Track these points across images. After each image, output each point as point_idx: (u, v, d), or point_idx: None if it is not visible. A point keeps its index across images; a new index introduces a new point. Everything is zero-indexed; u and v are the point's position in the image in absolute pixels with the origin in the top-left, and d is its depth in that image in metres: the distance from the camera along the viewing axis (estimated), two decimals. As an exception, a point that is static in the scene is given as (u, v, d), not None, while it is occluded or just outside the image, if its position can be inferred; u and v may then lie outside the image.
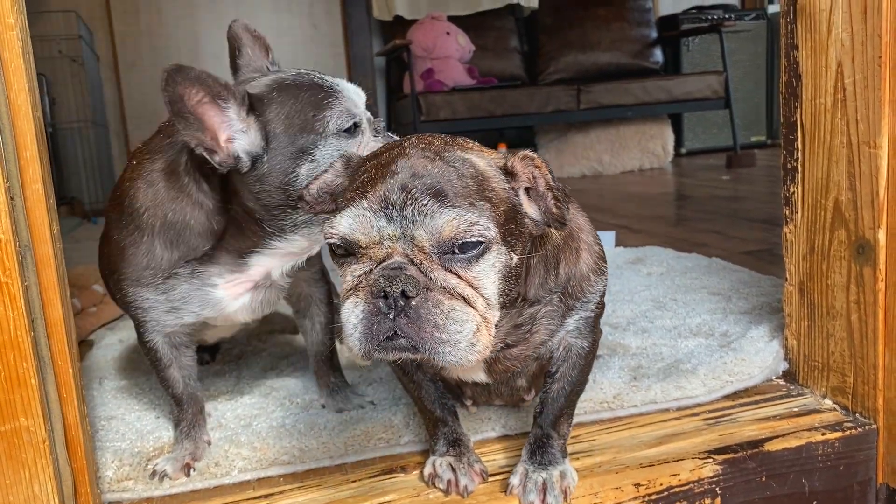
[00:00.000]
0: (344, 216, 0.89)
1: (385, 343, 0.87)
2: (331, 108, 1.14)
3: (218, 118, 1.09)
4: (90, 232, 4.60)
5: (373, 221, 0.87)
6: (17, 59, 0.97)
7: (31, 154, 0.99)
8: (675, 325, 1.78)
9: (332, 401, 1.49)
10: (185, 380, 1.34)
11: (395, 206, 0.86)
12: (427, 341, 0.86)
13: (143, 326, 1.29)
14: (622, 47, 6.54)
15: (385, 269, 0.86)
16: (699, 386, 1.42)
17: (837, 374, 1.33)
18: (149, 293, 1.24)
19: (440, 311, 0.86)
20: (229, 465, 1.25)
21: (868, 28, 1.18)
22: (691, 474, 1.16)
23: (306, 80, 1.17)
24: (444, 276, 0.87)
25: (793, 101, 1.35)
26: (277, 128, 1.12)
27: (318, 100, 1.14)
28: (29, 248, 1.00)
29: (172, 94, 1.04)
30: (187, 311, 1.26)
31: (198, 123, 1.07)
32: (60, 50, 5.22)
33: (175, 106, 1.05)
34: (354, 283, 0.89)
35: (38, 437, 0.99)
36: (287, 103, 1.13)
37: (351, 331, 0.88)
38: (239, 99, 1.10)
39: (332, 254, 0.94)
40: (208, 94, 1.06)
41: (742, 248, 2.70)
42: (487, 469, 1.18)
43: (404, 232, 0.86)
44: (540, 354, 1.11)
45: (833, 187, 1.28)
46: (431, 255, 0.87)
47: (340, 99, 1.16)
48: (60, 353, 1.04)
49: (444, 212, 0.86)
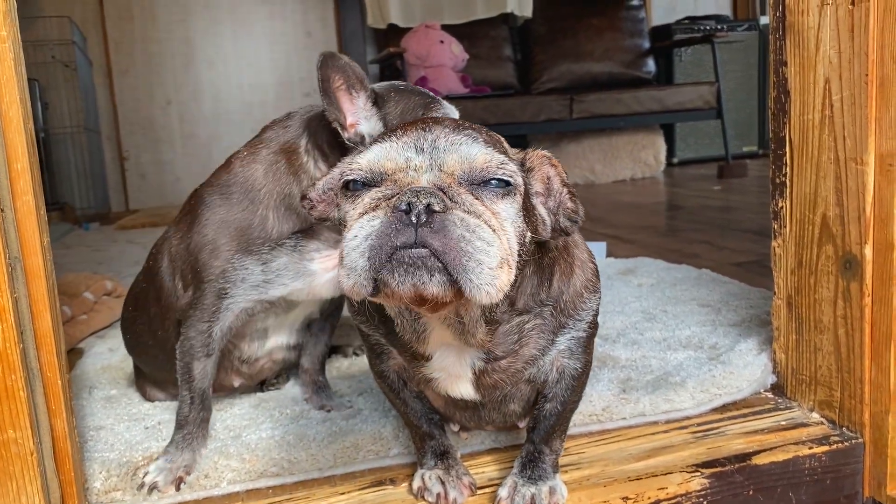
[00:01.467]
0: (371, 150, 0.87)
1: (400, 253, 0.78)
2: (435, 112, 1.32)
3: (348, 104, 1.29)
4: (82, 238, 4.59)
5: (401, 151, 0.86)
6: (8, 71, 0.97)
7: (22, 166, 0.99)
8: (664, 337, 1.79)
9: (316, 397, 1.56)
10: (211, 379, 1.38)
11: (426, 140, 0.86)
12: (452, 252, 0.78)
13: (221, 302, 1.34)
14: (615, 57, 6.58)
15: (412, 188, 0.81)
16: (688, 399, 1.43)
17: (825, 387, 1.34)
18: (250, 262, 1.34)
19: (466, 226, 0.79)
20: (218, 476, 1.25)
21: (855, 46, 1.19)
22: (679, 488, 1.17)
23: (415, 89, 1.38)
24: (472, 201, 0.84)
25: (781, 117, 1.36)
26: (394, 120, 1.30)
27: (426, 103, 1.34)
28: (19, 259, 1.00)
29: (325, 74, 1.26)
30: (279, 283, 1.36)
31: (336, 104, 1.28)
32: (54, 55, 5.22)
33: (324, 84, 1.26)
34: (371, 204, 0.83)
35: (26, 450, 0.99)
36: (402, 102, 1.33)
37: (360, 243, 0.79)
38: (368, 92, 1.30)
39: (346, 194, 0.88)
40: (346, 82, 1.27)
41: (732, 260, 2.71)
42: (476, 482, 1.18)
43: (433, 163, 0.85)
44: (532, 376, 1.08)
45: (821, 202, 1.30)
46: (461, 182, 0.85)
47: (443, 106, 1.35)
48: (49, 365, 1.04)
49: (478, 145, 0.87)
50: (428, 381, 1.09)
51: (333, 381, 1.66)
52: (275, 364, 1.57)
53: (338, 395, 1.60)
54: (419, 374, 1.08)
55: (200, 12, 6.26)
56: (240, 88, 6.38)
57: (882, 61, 1.16)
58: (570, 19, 6.58)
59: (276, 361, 1.56)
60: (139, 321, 1.54)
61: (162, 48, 6.18)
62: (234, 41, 6.35)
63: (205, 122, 6.28)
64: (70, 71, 5.26)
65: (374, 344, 1.12)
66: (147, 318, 1.51)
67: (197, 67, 6.26)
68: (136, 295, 1.56)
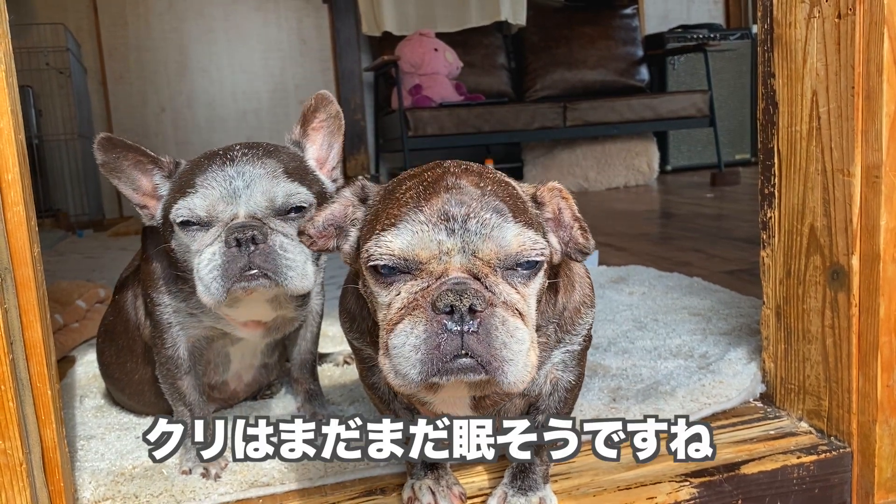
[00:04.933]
0: (400, 232, 0.85)
1: (449, 364, 0.81)
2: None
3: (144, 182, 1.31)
4: (75, 245, 4.58)
5: (432, 235, 0.84)
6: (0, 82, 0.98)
7: (13, 176, 1.00)
8: (655, 345, 1.80)
9: (308, 405, 1.55)
10: (200, 389, 1.40)
11: (455, 219, 0.84)
12: (496, 360, 0.82)
13: (170, 330, 1.36)
14: (608, 65, 6.61)
15: (450, 283, 0.82)
16: (678, 408, 1.43)
17: (813, 397, 1.35)
18: (167, 299, 1.35)
19: (506, 328, 0.83)
20: (209, 486, 1.25)
21: (842, 59, 1.20)
22: (668, 497, 1.17)
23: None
24: (508, 290, 0.85)
25: (770, 128, 1.37)
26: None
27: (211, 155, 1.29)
28: (9, 270, 1.00)
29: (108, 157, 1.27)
30: (205, 318, 1.37)
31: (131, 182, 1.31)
32: (48, 62, 5.21)
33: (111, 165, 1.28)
34: (409, 300, 0.84)
35: (16, 460, 0.99)
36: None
37: (409, 353, 0.82)
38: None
39: (375, 275, 0.87)
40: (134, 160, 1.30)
41: (724, 268, 2.73)
42: (466, 492, 1.18)
43: (465, 246, 0.84)
44: (526, 390, 1.09)
45: (808, 213, 1.31)
46: (496, 270, 0.85)
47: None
48: (39, 375, 1.04)
49: (510, 226, 0.85)
50: (423, 404, 1.09)
51: (325, 390, 1.66)
52: (248, 387, 1.57)
53: (330, 403, 1.60)
54: (413, 398, 1.08)
55: (195, 19, 6.26)
56: (234, 96, 6.38)
57: (868, 74, 1.17)
58: (564, 28, 6.61)
59: (249, 384, 1.56)
60: (107, 352, 1.58)
61: (156, 55, 6.19)
62: (228, 48, 6.36)
63: (199, 129, 6.28)
64: (64, 78, 5.26)
65: (366, 357, 1.13)
66: (115, 350, 1.54)
67: (191, 75, 6.26)
68: (106, 326, 1.59)
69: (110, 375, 1.60)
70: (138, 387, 1.52)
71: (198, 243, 1.21)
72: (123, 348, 1.51)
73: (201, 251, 1.19)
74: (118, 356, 1.53)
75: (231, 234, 1.16)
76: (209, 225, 1.20)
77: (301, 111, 1.35)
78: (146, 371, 1.47)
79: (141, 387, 1.51)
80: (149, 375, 1.46)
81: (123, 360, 1.52)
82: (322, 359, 1.83)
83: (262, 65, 6.45)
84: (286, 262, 1.18)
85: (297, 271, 1.19)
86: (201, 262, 1.18)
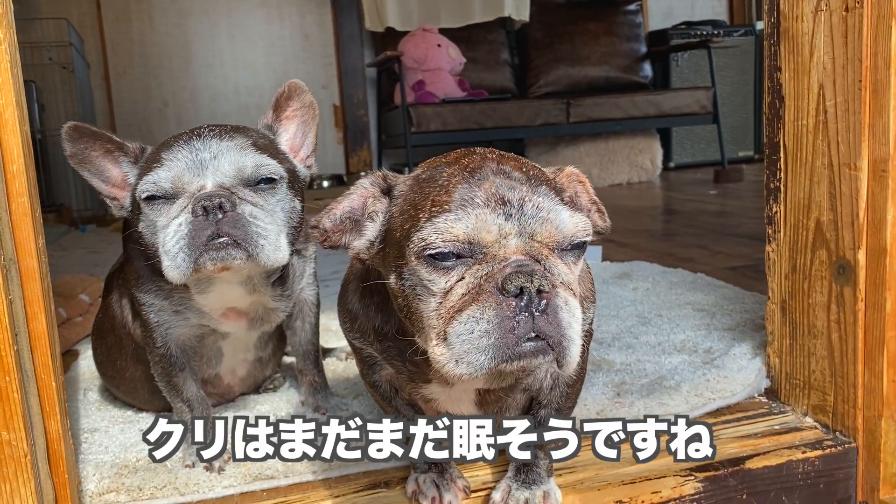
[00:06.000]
0: (460, 217, 0.83)
1: (520, 348, 0.81)
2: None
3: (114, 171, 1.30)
4: (78, 240, 4.58)
5: (493, 219, 0.83)
6: (4, 73, 0.97)
7: (18, 168, 0.99)
8: (659, 341, 1.80)
9: (312, 399, 1.54)
10: (197, 384, 1.39)
11: (511, 203, 0.84)
12: (565, 339, 0.82)
13: (158, 328, 1.34)
14: (612, 61, 6.59)
15: (514, 266, 0.82)
16: (682, 403, 1.43)
17: (818, 392, 1.34)
18: (150, 298, 1.34)
19: (569, 308, 0.83)
20: (213, 479, 1.25)
21: (849, 52, 1.20)
22: (673, 491, 1.17)
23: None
24: (565, 271, 0.86)
25: (776, 122, 1.37)
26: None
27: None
28: (14, 261, 1.00)
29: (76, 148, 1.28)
30: (190, 316, 1.35)
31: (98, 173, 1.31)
32: (51, 57, 5.21)
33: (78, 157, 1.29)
34: (473, 285, 0.83)
35: (20, 452, 0.99)
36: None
37: (479, 339, 0.80)
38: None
39: (430, 263, 0.85)
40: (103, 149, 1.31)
41: (727, 264, 2.72)
42: (470, 485, 1.18)
43: (522, 229, 0.84)
44: (528, 385, 1.09)
45: (815, 207, 1.30)
46: (553, 251, 0.86)
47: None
48: (44, 367, 1.04)
49: (563, 209, 0.86)
50: (427, 401, 1.09)
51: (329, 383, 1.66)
52: (242, 381, 1.56)
53: (334, 396, 1.59)
54: (417, 395, 1.08)
55: (198, 15, 6.26)
56: (237, 91, 6.38)
57: (875, 67, 1.16)
58: (568, 24, 6.59)
59: (243, 378, 1.56)
60: (99, 350, 1.58)
61: (159, 50, 6.18)
62: (231, 44, 6.35)
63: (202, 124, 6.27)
64: (67, 73, 5.25)
65: (367, 357, 1.12)
66: (106, 348, 1.54)
67: (194, 70, 6.26)
68: (97, 324, 1.59)
69: (104, 373, 1.61)
70: (131, 384, 1.52)
71: (164, 217, 1.17)
72: (113, 346, 1.51)
73: (168, 224, 1.16)
74: (108, 354, 1.53)
75: (198, 202, 1.13)
76: (175, 197, 1.17)
77: (274, 97, 1.33)
78: (137, 369, 1.47)
79: (133, 384, 1.51)
80: (140, 373, 1.46)
81: (114, 357, 1.52)
82: (325, 354, 1.83)
83: (264, 60, 6.44)
84: (257, 230, 1.15)
85: (269, 241, 1.15)
86: (167, 234, 1.15)
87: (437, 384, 1.04)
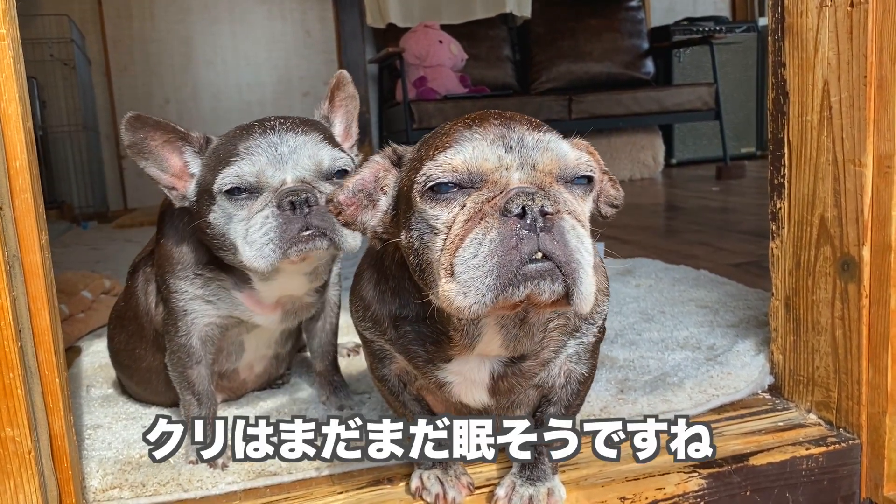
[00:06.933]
0: (458, 150, 0.83)
1: (527, 268, 0.77)
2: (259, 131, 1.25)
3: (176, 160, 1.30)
4: (80, 237, 4.58)
5: (492, 150, 0.83)
6: (7, 69, 0.97)
7: (21, 164, 0.99)
8: (662, 337, 1.79)
9: (335, 398, 1.54)
10: (209, 379, 1.39)
11: (511, 138, 0.84)
12: (573, 261, 0.79)
13: (185, 318, 1.35)
14: (614, 58, 6.58)
15: (516, 189, 0.80)
16: (685, 399, 1.43)
17: (822, 388, 1.34)
18: (184, 285, 1.35)
19: (576, 233, 0.81)
20: (217, 476, 1.25)
21: (854, 48, 1.19)
22: (676, 488, 1.17)
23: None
24: (572, 200, 0.85)
25: (780, 118, 1.36)
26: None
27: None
28: (17, 257, 1.00)
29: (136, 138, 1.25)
30: (222, 306, 1.36)
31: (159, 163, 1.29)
32: (52, 53, 5.21)
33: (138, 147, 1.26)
34: (475, 211, 0.81)
35: (24, 448, 0.99)
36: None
37: (483, 262, 0.77)
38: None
39: (432, 198, 0.84)
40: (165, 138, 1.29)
41: (730, 261, 2.72)
42: (474, 481, 1.18)
43: (524, 161, 0.84)
44: (541, 381, 1.09)
45: (819, 204, 1.30)
46: (556, 181, 0.85)
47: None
48: (47, 363, 1.04)
49: (563, 142, 0.87)
50: (441, 387, 1.08)
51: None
52: (258, 377, 1.57)
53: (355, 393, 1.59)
54: (432, 379, 1.07)
55: (199, 11, 6.25)
56: (238, 88, 6.37)
57: (881, 63, 1.16)
58: (569, 20, 6.58)
59: (259, 374, 1.56)
60: (117, 338, 1.57)
61: (161, 47, 6.18)
62: (232, 40, 6.34)
63: (203, 121, 6.27)
64: (69, 69, 5.25)
65: (377, 349, 1.12)
66: (126, 336, 1.54)
67: (196, 66, 6.25)
68: (117, 311, 1.59)
69: (120, 362, 1.60)
70: (146, 374, 1.51)
71: (245, 210, 1.20)
72: (133, 334, 1.50)
73: (251, 217, 1.19)
74: (128, 342, 1.53)
75: (284, 197, 1.17)
76: (258, 191, 1.20)
77: (328, 88, 1.37)
78: (155, 359, 1.47)
79: (148, 375, 1.51)
80: (157, 364, 1.46)
81: (133, 346, 1.51)
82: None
83: (266, 57, 6.44)
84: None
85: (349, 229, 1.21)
86: (252, 226, 1.18)
87: (456, 362, 1.03)
